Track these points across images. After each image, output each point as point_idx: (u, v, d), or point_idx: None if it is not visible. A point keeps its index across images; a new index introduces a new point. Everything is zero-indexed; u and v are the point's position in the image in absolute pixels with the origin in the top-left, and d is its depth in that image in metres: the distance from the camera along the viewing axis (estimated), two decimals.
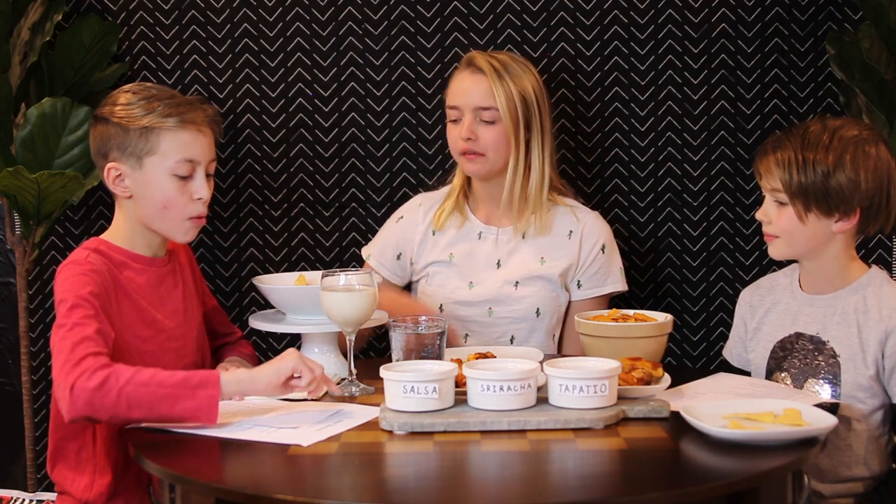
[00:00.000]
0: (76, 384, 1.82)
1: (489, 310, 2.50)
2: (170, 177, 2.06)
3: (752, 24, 2.85)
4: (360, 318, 2.04)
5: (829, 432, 1.75)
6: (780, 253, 2.17)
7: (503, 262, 2.52)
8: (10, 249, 2.99)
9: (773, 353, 2.19)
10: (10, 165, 2.66)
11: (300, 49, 2.92)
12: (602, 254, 2.54)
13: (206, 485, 1.62)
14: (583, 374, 1.82)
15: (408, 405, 1.82)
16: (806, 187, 2.07)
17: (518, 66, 2.50)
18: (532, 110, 2.48)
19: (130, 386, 1.82)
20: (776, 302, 2.24)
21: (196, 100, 2.13)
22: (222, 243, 2.98)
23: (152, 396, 1.82)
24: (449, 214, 2.56)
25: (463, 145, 2.47)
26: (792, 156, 2.09)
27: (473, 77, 2.48)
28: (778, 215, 2.12)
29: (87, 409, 1.83)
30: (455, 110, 2.50)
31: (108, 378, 1.82)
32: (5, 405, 3.06)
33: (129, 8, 2.93)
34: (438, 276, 2.54)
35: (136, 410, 1.83)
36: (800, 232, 2.11)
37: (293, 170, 2.95)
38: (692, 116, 2.88)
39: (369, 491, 1.61)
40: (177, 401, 1.82)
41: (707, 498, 1.56)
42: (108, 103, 2.10)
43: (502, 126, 2.45)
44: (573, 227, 2.54)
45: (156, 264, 2.13)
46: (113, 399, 1.82)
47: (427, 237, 2.57)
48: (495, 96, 2.44)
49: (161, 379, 1.83)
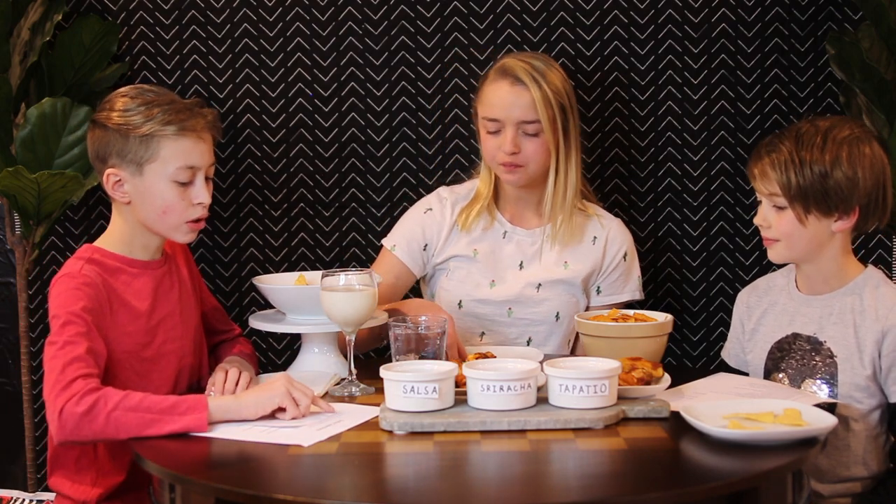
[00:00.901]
0: (65, 409, 1.83)
1: (509, 310, 2.49)
2: (170, 183, 2.05)
3: (752, 24, 2.85)
4: (360, 318, 2.04)
5: (828, 432, 1.75)
6: (781, 256, 2.17)
7: (526, 263, 2.51)
8: (10, 249, 2.99)
9: (771, 354, 2.20)
10: (10, 165, 2.66)
11: (300, 49, 2.92)
12: (623, 261, 2.53)
13: (206, 485, 1.62)
14: (583, 374, 1.82)
15: (408, 405, 1.82)
16: (805, 189, 2.07)
17: (548, 66, 2.45)
18: (567, 113, 2.44)
19: (118, 411, 1.83)
20: (773, 303, 2.24)
21: (195, 103, 2.10)
22: (222, 243, 2.98)
23: (140, 421, 1.83)
24: (476, 217, 2.52)
25: (504, 158, 2.42)
26: (788, 158, 2.09)
27: (514, 89, 2.41)
28: (777, 219, 2.12)
29: (74, 433, 1.85)
30: (494, 122, 2.43)
31: (96, 403, 1.83)
32: (5, 405, 3.06)
33: (129, 8, 2.93)
34: (460, 271, 2.52)
35: (124, 433, 1.84)
36: (800, 234, 2.11)
37: (293, 170, 2.95)
38: (692, 116, 2.88)
39: (369, 491, 1.61)
40: (164, 424, 1.84)
41: (707, 498, 1.56)
42: (105, 108, 2.08)
43: (544, 138, 2.41)
44: (597, 234, 2.53)
45: (151, 267, 2.12)
46: (101, 424, 1.83)
47: (453, 231, 2.53)
48: (538, 110, 2.39)
49: (149, 404, 1.85)
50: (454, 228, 2.53)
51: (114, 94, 2.11)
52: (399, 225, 2.60)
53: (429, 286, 2.61)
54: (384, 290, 2.37)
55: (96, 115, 2.10)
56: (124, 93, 2.10)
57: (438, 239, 2.54)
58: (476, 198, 2.54)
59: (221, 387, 2.04)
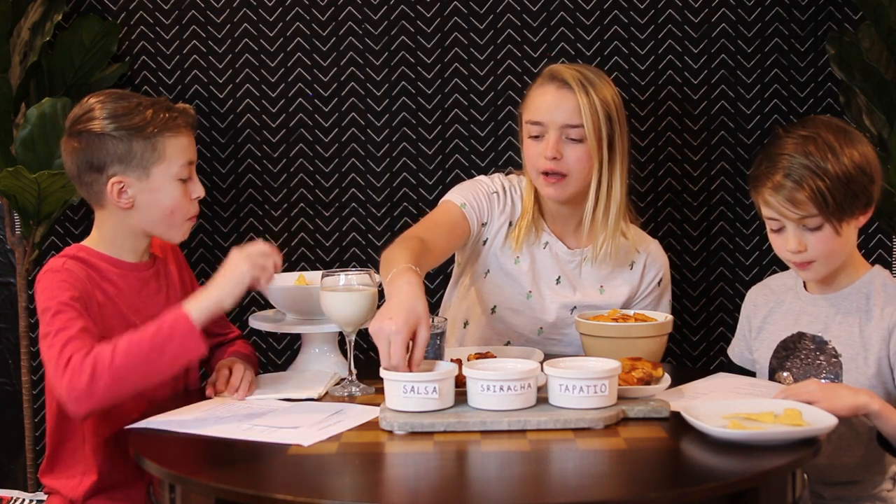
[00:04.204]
0: (71, 386, 1.83)
1: (540, 329, 2.44)
2: (175, 182, 2.05)
3: (752, 24, 2.85)
4: (360, 318, 2.04)
5: (829, 432, 1.75)
6: (820, 275, 2.10)
7: (562, 279, 2.43)
8: (10, 249, 2.99)
9: (776, 353, 2.19)
10: (10, 165, 2.66)
11: (300, 49, 2.93)
12: (658, 287, 2.47)
13: (206, 485, 1.62)
14: (583, 374, 1.82)
15: (408, 405, 1.82)
16: (839, 199, 2.02)
17: (599, 78, 2.35)
18: (615, 126, 2.34)
19: (117, 359, 1.84)
20: (780, 302, 2.23)
21: (167, 100, 2.11)
22: (222, 243, 2.98)
23: (138, 358, 1.84)
24: (525, 234, 2.42)
25: (546, 164, 2.31)
26: (814, 175, 2.02)
27: (560, 92, 2.32)
28: (815, 240, 2.06)
29: (88, 403, 1.84)
30: (538, 126, 2.33)
31: (95, 366, 1.84)
32: (5, 405, 3.06)
33: (129, 8, 2.93)
34: (498, 275, 2.44)
35: (131, 378, 1.85)
36: (837, 246, 2.06)
37: (293, 170, 2.95)
38: (692, 116, 2.88)
39: (369, 491, 1.61)
40: (161, 350, 1.85)
41: (707, 498, 1.56)
42: (84, 119, 2.03)
43: (588, 146, 2.31)
44: (635, 258, 2.45)
45: (138, 269, 2.11)
46: (107, 381, 1.83)
47: (501, 232, 2.43)
48: (583, 115, 2.29)
49: (137, 339, 1.86)
50: (508, 229, 2.43)
51: (85, 104, 2.05)
52: (464, 190, 2.43)
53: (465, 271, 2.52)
54: (439, 238, 2.27)
55: (77, 126, 2.03)
56: (100, 100, 2.05)
57: (494, 226, 2.43)
58: (523, 213, 2.44)
59: (223, 386, 2.04)
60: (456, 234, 2.37)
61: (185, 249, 2.94)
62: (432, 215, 2.38)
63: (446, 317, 2.35)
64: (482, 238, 2.43)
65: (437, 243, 2.26)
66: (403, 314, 1.85)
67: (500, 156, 2.96)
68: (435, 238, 2.25)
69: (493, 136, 2.95)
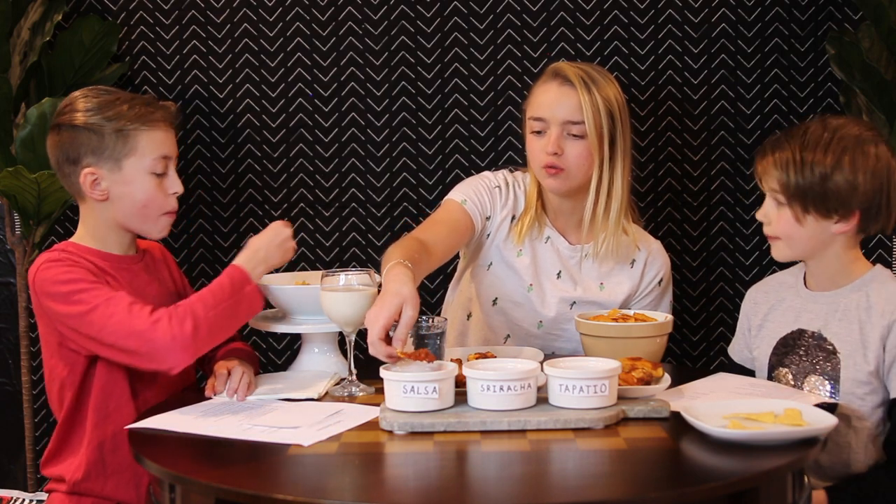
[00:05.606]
0: (175, 335, 1.92)
1: (539, 322, 2.45)
2: (148, 175, 2.08)
3: (752, 24, 2.85)
4: (360, 318, 2.04)
5: (829, 432, 1.75)
6: (783, 255, 2.16)
7: (563, 274, 2.45)
8: (10, 249, 2.99)
9: (776, 350, 2.20)
10: (10, 165, 2.67)
11: (300, 49, 2.93)
12: (658, 286, 2.48)
13: (206, 485, 1.62)
14: (583, 374, 1.82)
15: (408, 405, 1.82)
16: (804, 189, 2.06)
17: (603, 76, 2.37)
18: (617, 125, 2.36)
19: (209, 314, 1.96)
20: (780, 299, 2.24)
21: (154, 97, 2.14)
22: (222, 243, 2.98)
23: (223, 313, 1.99)
24: (528, 228, 2.45)
25: (547, 159, 2.34)
26: (790, 157, 2.08)
27: (562, 89, 2.35)
28: (777, 216, 2.12)
29: (194, 351, 1.94)
30: (540, 122, 2.36)
31: (194, 317, 1.94)
32: (5, 405, 3.06)
33: (129, 8, 2.93)
34: (501, 267, 2.46)
35: (222, 326, 2.00)
36: (799, 233, 2.10)
37: (293, 170, 2.95)
38: (692, 116, 2.88)
39: (369, 491, 1.61)
40: (237, 307, 2.01)
41: (707, 498, 1.56)
42: (66, 111, 2.07)
43: (588, 143, 2.33)
44: (636, 256, 2.47)
45: (126, 262, 2.13)
46: (206, 330, 1.95)
47: (503, 225, 2.46)
48: (584, 111, 2.32)
49: (214, 296, 1.99)
50: (511, 222, 2.46)
51: (69, 98, 2.10)
52: (465, 187, 2.46)
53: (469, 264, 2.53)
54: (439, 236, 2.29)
55: (59, 119, 2.08)
56: (83, 94, 2.09)
57: (496, 219, 2.46)
58: (526, 208, 2.47)
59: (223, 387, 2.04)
60: (458, 231, 2.39)
61: (185, 249, 2.95)
62: (434, 215, 2.41)
63: (446, 317, 2.35)
64: (486, 232, 2.46)
65: (438, 242, 2.27)
66: (388, 297, 1.93)
67: (500, 155, 2.96)
68: (435, 237, 2.27)
69: (493, 136, 2.95)
